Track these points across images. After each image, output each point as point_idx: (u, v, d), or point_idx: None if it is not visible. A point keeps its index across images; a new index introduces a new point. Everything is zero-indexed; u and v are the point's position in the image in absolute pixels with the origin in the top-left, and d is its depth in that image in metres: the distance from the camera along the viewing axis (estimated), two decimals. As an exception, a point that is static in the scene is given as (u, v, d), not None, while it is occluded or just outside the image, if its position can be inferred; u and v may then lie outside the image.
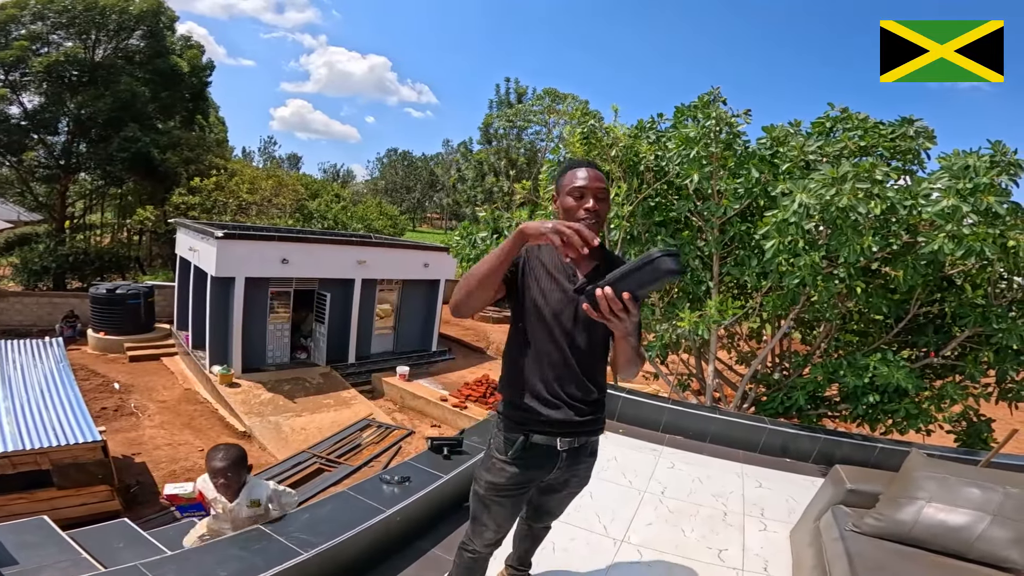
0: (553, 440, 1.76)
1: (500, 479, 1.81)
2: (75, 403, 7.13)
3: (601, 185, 1.68)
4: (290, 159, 73.47)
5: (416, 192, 65.95)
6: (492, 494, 1.85)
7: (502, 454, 1.80)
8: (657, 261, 1.29)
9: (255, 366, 12.76)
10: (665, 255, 1.29)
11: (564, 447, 1.77)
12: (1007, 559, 2.08)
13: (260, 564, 2.22)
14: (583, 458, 1.87)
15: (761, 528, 3.25)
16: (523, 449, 1.77)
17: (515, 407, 1.77)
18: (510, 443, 1.78)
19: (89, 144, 19.28)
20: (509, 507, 1.89)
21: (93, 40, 18.45)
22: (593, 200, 1.66)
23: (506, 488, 1.82)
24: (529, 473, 1.81)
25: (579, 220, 1.64)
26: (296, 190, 24.26)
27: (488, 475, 1.85)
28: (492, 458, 1.84)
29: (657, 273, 1.30)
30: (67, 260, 17.57)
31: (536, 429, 1.75)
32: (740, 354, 7.05)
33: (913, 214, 4.41)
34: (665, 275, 1.31)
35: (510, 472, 1.79)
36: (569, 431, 1.76)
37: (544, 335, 1.70)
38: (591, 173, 1.68)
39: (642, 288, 1.35)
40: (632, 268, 1.32)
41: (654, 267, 1.29)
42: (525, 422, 1.76)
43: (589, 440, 1.85)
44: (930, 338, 5.34)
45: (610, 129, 5.70)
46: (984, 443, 5.27)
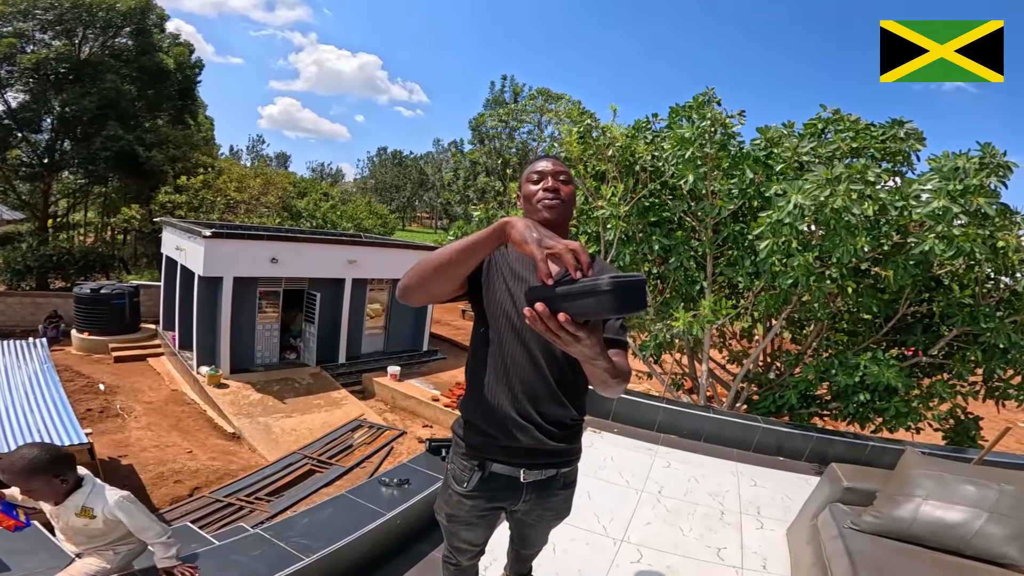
0: (516, 471, 1.54)
1: (459, 512, 1.64)
2: (60, 405, 7.00)
3: (562, 169, 1.58)
4: (278, 158, 72.93)
5: (406, 191, 65.67)
6: (455, 525, 1.70)
7: (459, 485, 1.60)
8: (604, 295, 1.04)
9: (244, 367, 12.63)
10: (617, 287, 1.04)
11: (529, 479, 1.55)
12: (1005, 555, 2.11)
13: (261, 570, 2.19)
14: (555, 490, 1.62)
15: (758, 526, 3.27)
16: (481, 481, 1.56)
17: (474, 430, 1.56)
18: (467, 472, 1.57)
19: (73, 142, 19.00)
20: (480, 529, 1.73)
21: (80, 38, 18.19)
22: (552, 179, 1.55)
23: (467, 520, 1.66)
24: (490, 505, 1.62)
25: (539, 201, 1.53)
26: (284, 189, 24.06)
27: (447, 507, 1.68)
28: (448, 489, 1.65)
29: (603, 306, 1.06)
30: (50, 259, 17.29)
31: (496, 457, 1.53)
32: (732, 353, 7.10)
33: (904, 215, 4.47)
34: (613, 310, 1.06)
35: (468, 505, 1.61)
36: (536, 461, 1.54)
37: (513, 342, 1.47)
38: (550, 160, 1.60)
39: (585, 317, 1.11)
40: (578, 291, 1.09)
41: (599, 300, 1.05)
42: (484, 448, 1.54)
43: (560, 472, 1.60)
44: (919, 337, 5.41)
45: (607, 129, 5.71)
46: (972, 441, 5.35)
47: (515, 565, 2.18)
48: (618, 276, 1.06)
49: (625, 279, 1.05)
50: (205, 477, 8.24)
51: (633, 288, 1.05)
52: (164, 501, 7.53)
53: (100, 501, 2.18)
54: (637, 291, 1.06)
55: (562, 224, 1.56)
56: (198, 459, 8.84)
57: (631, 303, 1.06)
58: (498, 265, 1.51)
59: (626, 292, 1.04)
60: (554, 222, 1.52)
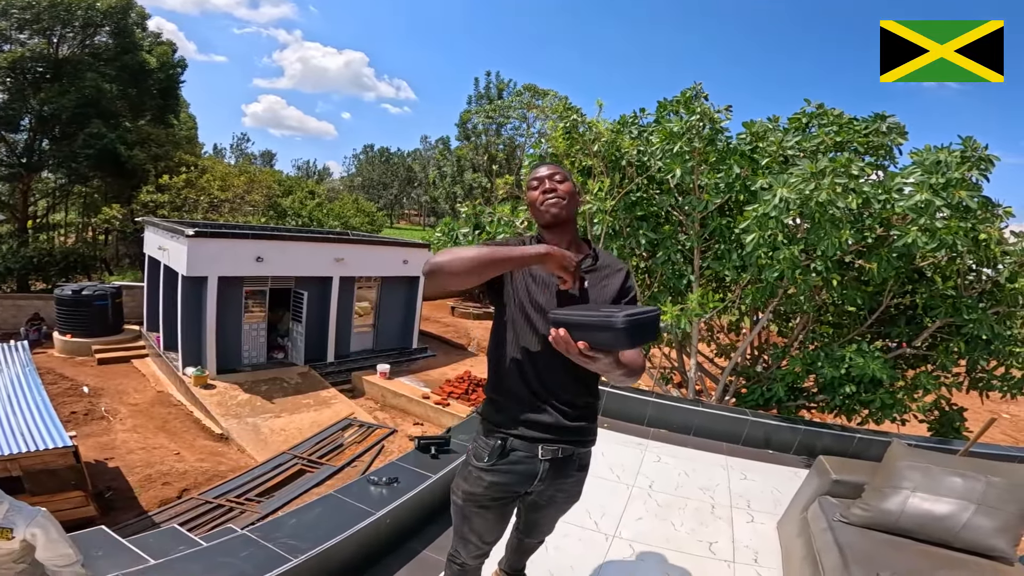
0: (535, 447, 1.63)
1: (477, 488, 1.69)
2: (43, 408, 6.88)
3: (556, 170, 1.71)
4: (263, 156, 72.12)
5: (393, 189, 65.36)
6: (471, 505, 1.73)
7: (479, 461, 1.68)
8: (618, 332, 1.13)
9: (230, 367, 12.51)
10: (631, 325, 1.12)
11: (546, 456, 1.63)
12: (994, 548, 2.12)
13: (249, 571, 2.17)
14: (571, 471, 1.71)
15: (748, 520, 3.29)
16: (500, 456, 1.64)
17: (496, 408, 1.68)
18: (488, 449, 1.66)
19: (52, 141, 18.66)
20: (492, 519, 1.75)
21: (58, 36, 17.85)
22: (550, 181, 1.68)
23: (484, 499, 1.69)
24: (508, 483, 1.67)
25: (542, 204, 1.67)
26: (269, 187, 23.82)
27: (465, 484, 1.73)
28: (469, 465, 1.73)
29: (616, 340, 1.15)
30: (31, 261, 17.00)
31: (516, 434, 1.63)
32: (720, 347, 7.15)
33: (887, 208, 4.52)
34: (625, 344, 1.15)
35: (487, 481, 1.66)
36: (554, 438, 1.63)
37: (529, 328, 1.61)
38: (546, 166, 1.73)
39: (600, 347, 1.20)
40: (595, 323, 1.19)
41: (614, 336, 1.14)
42: (505, 425, 1.65)
43: (577, 452, 1.69)
44: (902, 329, 5.48)
45: (592, 124, 5.71)
46: (957, 432, 5.42)
47: (513, 557, 2.17)
48: (633, 313, 1.16)
49: (638, 316, 1.15)
50: (194, 479, 8.16)
51: (645, 325, 1.15)
52: (153, 503, 7.44)
53: (20, 519, 1.98)
54: (649, 327, 1.17)
55: (568, 219, 1.70)
56: (186, 461, 8.75)
57: (643, 337, 1.16)
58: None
59: (638, 329, 1.13)
60: (561, 217, 1.68)
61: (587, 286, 1.63)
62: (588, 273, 1.66)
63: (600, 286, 1.67)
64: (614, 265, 1.74)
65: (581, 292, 1.63)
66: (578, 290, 1.61)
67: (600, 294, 1.66)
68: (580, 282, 1.61)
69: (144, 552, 3.02)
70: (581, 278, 1.61)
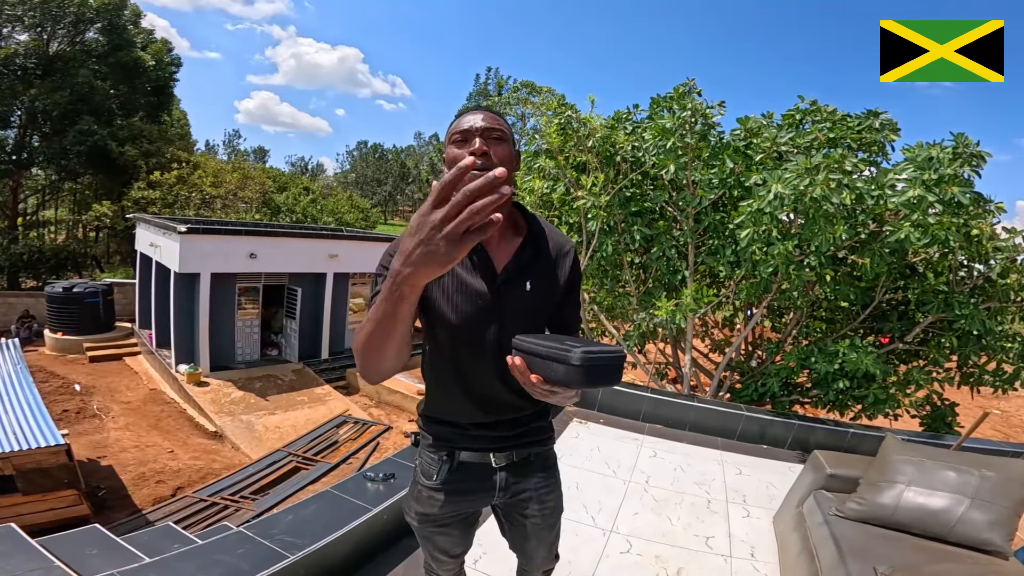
0: (486, 456, 1.44)
1: (432, 509, 1.48)
2: (35, 406, 6.85)
3: (493, 125, 1.25)
4: (256, 152, 71.61)
5: (388, 185, 65.08)
6: (428, 527, 1.53)
7: (427, 479, 1.47)
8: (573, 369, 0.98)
9: (224, 364, 12.46)
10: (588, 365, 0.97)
11: (501, 463, 1.45)
12: (988, 542, 2.14)
13: (245, 569, 2.16)
14: (534, 473, 1.50)
15: (744, 515, 3.31)
16: (450, 470, 1.44)
17: (438, 423, 1.46)
18: (435, 465, 1.45)
19: (43, 138, 18.51)
20: (456, 535, 1.56)
21: (49, 33, 17.68)
22: (480, 140, 1.21)
23: (443, 518, 1.50)
24: (465, 499, 1.49)
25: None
26: (263, 183, 23.69)
27: (417, 505, 1.51)
28: (418, 485, 1.51)
29: (571, 377, 0.99)
30: (21, 258, 16.86)
31: (463, 445, 1.44)
32: (715, 342, 7.18)
33: (880, 204, 4.54)
34: (580, 383, 1.00)
35: (440, 500, 1.46)
36: (504, 444, 1.44)
37: (460, 344, 1.34)
38: (480, 114, 1.27)
39: (554, 381, 1.03)
40: (550, 355, 1.03)
41: (567, 371, 0.99)
42: (450, 437, 1.44)
43: (532, 453, 1.49)
44: (894, 324, 5.51)
45: (587, 120, 5.71)
46: (948, 427, 5.47)
47: None
48: (592, 351, 1.00)
49: (598, 355, 1.00)
50: (188, 477, 8.14)
51: (606, 367, 1.01)
52: (147, 502, 7.42)
53: None
54: (610, 370, 1.02)
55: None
56: (180, 459, 8.72)
57: (601, 379, 1.02)
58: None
59: (596, 371, 0.99)
60: None
61: (528, 287, 1.32)
62: (523, 266, 1.32)
63: (545, 281, 1.36)
64: (560, 245, 1.40)
65: (511, 286, 1.31)
66: (502, 278, 1.30)
67: (547, 289, 1.36)
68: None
69: (139, 550, 3.01)
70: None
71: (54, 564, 2.52)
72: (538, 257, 1.35)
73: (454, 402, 1.41)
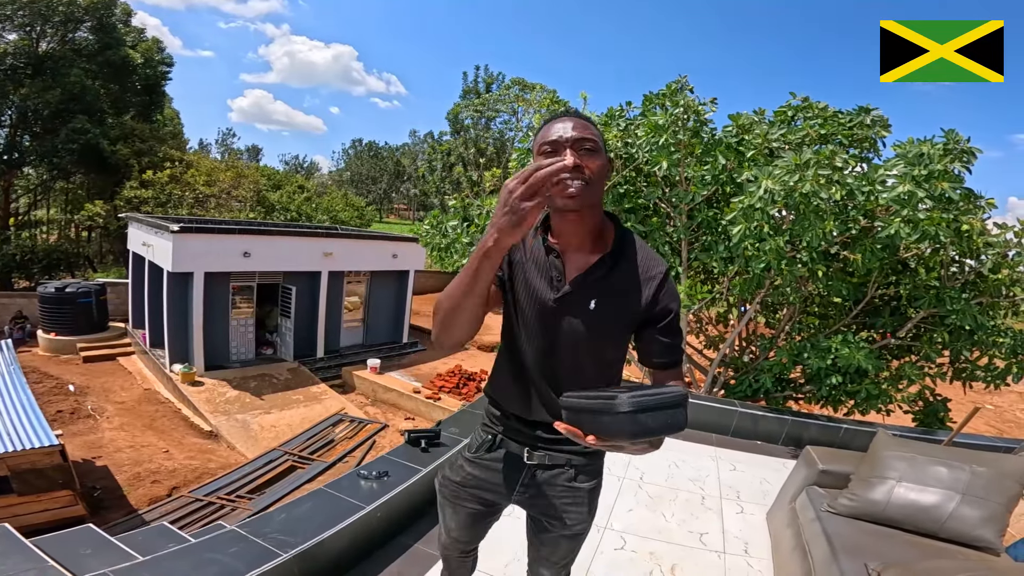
0: (522, 449, 1.49)
1: (456, 476, 1.61)
2: (29, 407, 6.81)
3: (585, 135, 1.21)
4: (249, 151, 71.31)
5: (382, 183, 64.93)
6: (447, 491, 1.64)
7: (469, 451, 1.60)
8: (620, 417, 0.91)
9: (218, 363, 12.41)
10: (639, 409, 0.89)
11: (533, 461, 1.48)
12: (980, 538, 2.14)
13: (239, 567, 2.16)
14: (560, 482, 1.49)
15: (738, 511, 3.33)
16: (489, 450, 1.54)
17: (495, 406, 1.56)
18: (479, 441, 1.58)
19: (34, 137, 18.40)
20: (465, 514, 1.63)
21: (38, 32, 17.56)
22: (571, 152, 1.18)
23: (460, 488, 1.59)
24: (488, 480, 1.55)
25: (555, 184, 1.12)
26: (256, 182, 23.59)
27: (448, 471, 1.66)
28: (460, 454, 1.65)
29: (620, 428, 0.92)
30: (13, 259, 16.76)
31: (509, 435, 1.51)
32: (709, 338, 7.20)
33: (871, 200, 4.56)
34: (631, 435, 0.92)
35: (467, 472, 1.58)
36: (542, 444, 1.47)
37: (524, 342, 1.39)
38: (571, 122, 1.23)
39: (608, 436, 0.97)
40: (592, 407, 0.98)
41: (615, 421, 0.92)
42: (498, 423, 1.54)
43: (571, 461, 1.48)
44: (886, 320, 5.54)
45: (579, 117, 5.71)
46: (941, 422, 5.50)
47: None
48: (641, 395, 0.93)
49: (650, 399, 0.91)
50: (183, 476, 8.11)
51: (660, 409, 0.90)
52: (142, 502, 7.39)
53: None
54: (667, 412, 0.91)
55: (589, 209, 1.26)
56: (175, 458, 8.69)
57: (661, 425, 0.91)
58: (522, 264, 1.37)
59: (651, 415, 0.89)
60: (576, 212, 1.25)
61: (593, 306, 1.29)
62: (591, 281, 1.29)
63: (614, 305, 1.30)
64: (646, 270, 1.31)
65: (574, 300, 1.29)
66: (567, 289, 1.29)
67: (613, 315, 1.31)
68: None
69: (133, 549, 3.00)
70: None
71: (48, 564, 2.51)
72: (612, 276, 1.29)
73: (506, 390, 1.49)
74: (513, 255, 1.38)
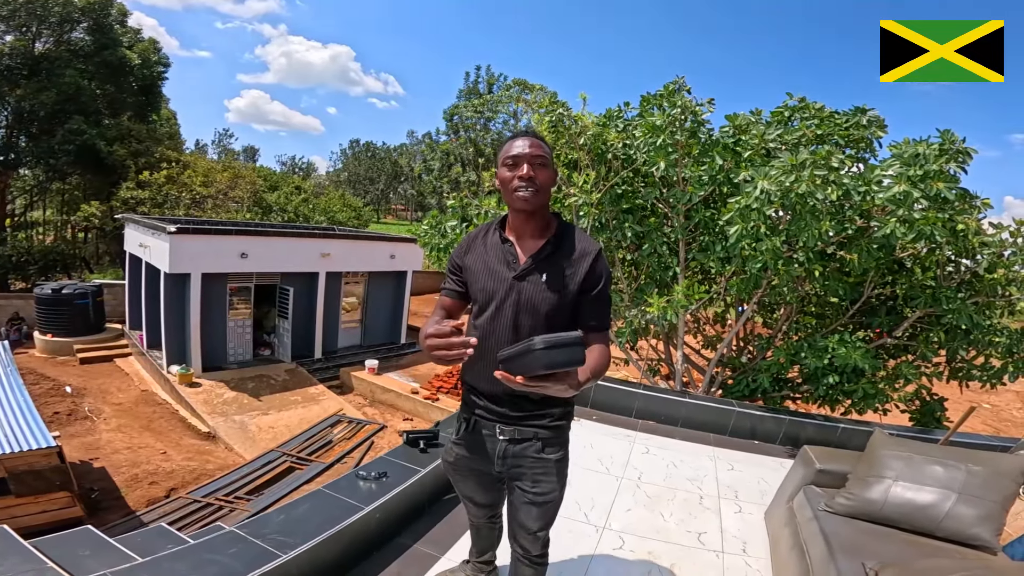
0: (493, 426, 1.72)
1: (449, 458, 1.91)
2: (26, 409, 6.81)
3: (538, 152, 1.57)
4: (246, 151, 71.19)
5: (380, 183, 64.91)
6: (452, 473, 1.95)
7: (455, 436, 1.87)
8: (535, 354, 1.19)
9: (216, 364, 12.41)
10: (547, 345, 1.18)
11: (505, 436, 1.71)
12: (976, 537, 2.14)
13: (239, 568, 2.16)
14: (528, 453, 1.70)
15: (736, 510, 3.34)
16: (465, 431, 1.80)
17: (467, 388, 1.81)
18: (458, 424, 1.85)
19: (30, 138, 18.36)
20: (472, 484, 1.92)
21: (34, 32, 17.52)
22: (528, 166, 1.54)
23: (456, 467, 1.89)
24: (474, 457, 1.81)
25: (514, 191, 1.56)
26: (254, 182, 23.55)
27: (444, 454, 1.95)
28: (448, 439, 1.95)
29: (537, 362, 1.20)
30: (9, 260, 16.73)
31: (480, 414, 1.75)
32: (706, 338, 7.21)
33: (867, 200, 4.57)
34: (545, 366, 1.20)
35: (456, 453, 1.86)
36: (509, 421, 1.70)
37: (487, 323, 1.65)
38: (527, 140, 1.58)
39: (530, 373, 1.24)
40: (517, 352, 1.25)
41: (533, 357, 1.20)
42: (472, 405, 1.78)
43: (538, 434, 1.69)
44: (883, 319, 5.56)
45: (578, 118, 5.72)
46: (938, 422, 5.52)
47: (484, 542, 2.24)
48: (552, 336, 1.21)
49: (558, 338, 1.19)
50: (181, 478, 8.10)
51: (565, 346, 1.18)
52: (140, 503, 7.38)
53: None
54: (570, 348, 1.19)
55: (539, 210, 1.61)
56: (173, 460, 8.68)
57: (565, 359, 1.19)
58: (474, 263, 1.70)
59: (558, 350, 1.18)
60: (530, 210, 1.59)
61: (544, 279, 1.59)
62: (541, 259, 1.61)
63: (560, 276, 1.60)
64: (582, 250, 1.64)
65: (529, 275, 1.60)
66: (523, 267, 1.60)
67: (559, 284, 1.60)
68: (536, 269, 1.60)
69: (131, 551, 3.00)
70: (533, 266, 1.60)
71: (47, 565, 2.51)
72: (556, 254, 1.62)
73: (475, 370, 1.72)
74: (468, 258, 1.72)
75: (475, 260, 1.70)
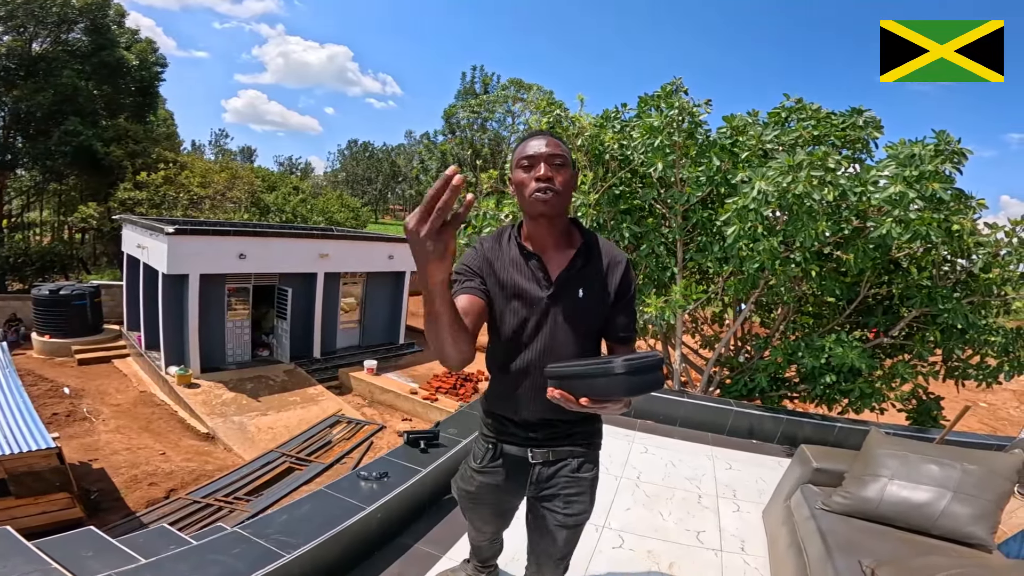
0: (525, 452, 1.60)
1: (470, 487, 1.73)
2: (24, 410, 6.81)
3: (556, 151, 1.42)
4: (243, 152, 71.02)
5: (378, 184, 64.89)
6: (466, 501, 1.79)
7: (475, 461, 1.71)
8: (616, 378, 1.08)
9: (215, 365, 12.41)
10: (632, 369, 1.07)
11: (537, 460, 1.60)
12: (972, 535, 2.16)
13: (242, 569, 2.18)
14: (564, 473, 1.61)
15: (734, 509, 3.36)
16: (492, 459, 1.65)
17: (490, 415, 1.67)
18: (481, 451, 1.69)
19: (27, 139, 18.32)
20: (487, 514, 1.82)
21: (31, 33, 17.50)
22: (545, 166, 1.39)
23: (477, 496, 1.73)
24: (499, 486, 1.67)
25: (531, 195, 1.40)
26: (251, 183, 23.53)
27: (461, 482, 1.78)
28: (467, 465, 1.75)
29: (617, 387, 1.09)
30: (6, 261, 16.71)
31: (509, 440, 1.62)
32: (704, 338, 7.24)
33: (863, 200, 4.61)
34: (626, 391, 1.09)
35: (479, 482, 1.69)
36: (543, 443, 1.59)
37: (515, 345, 1.50)
38: (543, 139, 1.44)
39: (602, 397, 1.13)
40: (592, 372, 1.13)
41: (611, 382, 1.09)
42: (499, 431, 1.64)
43: (573, 452, 1.61)
44: (879, 319, 5.59)
45: (575, 119, 5.74)
46: (934, 420, 5.55)
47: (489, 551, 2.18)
48: (632, 358, 1.11)
49: (638, 361, 1.09)
50: (180, 479, 8.11)
51: (647, 369, 1.09)
52: (140, 504, 7.39)
53: None
54: (652, 372, 1.10)
55: (559, 215, 1.46)
56: (172, 460, 8.69)
57: (645, 384, 1.10)
58: (497, 274, 1.50)
59: (639, 373, 1.08)
60: (549, 217, 1.44)
61: (581, 295, 1.48)
62: (574, 274, 1.48)
63: (596, 290, 1.50)
64: (613, 258, 1.53)
65: (564, 292, 1.47)
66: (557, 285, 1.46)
67: (597, 299, 1.50)
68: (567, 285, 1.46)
69: (134, 551, 3.02)
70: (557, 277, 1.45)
71: (51, 566, 2.52)
72: (589, 267, 1.50)
73: (505, 397, 1.58)
74: (492, 263, 1.50)
75: (502, 275, 1.49)
